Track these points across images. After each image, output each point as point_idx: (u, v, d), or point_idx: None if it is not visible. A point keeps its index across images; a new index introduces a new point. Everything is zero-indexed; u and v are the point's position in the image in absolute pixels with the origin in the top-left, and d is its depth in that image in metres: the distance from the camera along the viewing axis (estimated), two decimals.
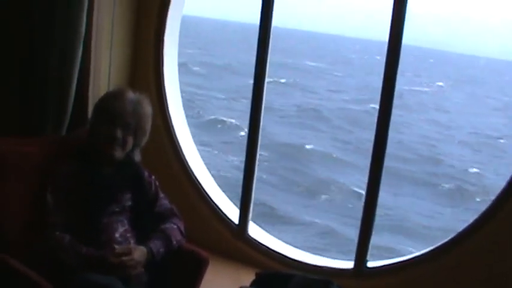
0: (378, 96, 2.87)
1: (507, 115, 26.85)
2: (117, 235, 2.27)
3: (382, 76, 2.82)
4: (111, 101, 2.35)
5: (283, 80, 27.14)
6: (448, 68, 47.28)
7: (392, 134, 2.90)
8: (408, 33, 2.88)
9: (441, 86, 34.14)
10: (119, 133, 2.28)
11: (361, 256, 2.92)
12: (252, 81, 3.25)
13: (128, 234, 2.31)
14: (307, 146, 16.06)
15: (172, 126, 3.44)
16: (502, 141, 20.57)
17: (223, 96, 22.75)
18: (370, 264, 2.93)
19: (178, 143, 3.46)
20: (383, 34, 3.09)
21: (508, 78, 47.35)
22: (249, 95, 3.27)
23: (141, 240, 2.29)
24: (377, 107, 2.94)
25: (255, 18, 3.15)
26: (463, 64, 56.13)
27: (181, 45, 3.69)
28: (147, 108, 2.39)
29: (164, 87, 3.43)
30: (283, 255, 3.16)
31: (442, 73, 40.52)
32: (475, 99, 30.35)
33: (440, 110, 25.14)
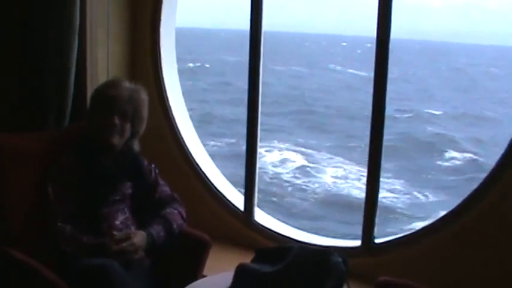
0: None
1: None
2: (117, 222, 2.27)
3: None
4: (106, 89, 2.35)
5: None
6: None
7: None
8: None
9: None
10: (116, 120, 2.27)
11: (368, 233, 2.89)
12: None
13: (129, 222, 2.31)
14: None
15: (173, 117, 3.44)
16: None
17: None
18: (378, 240, 2.91)
19: (180, 134, 3.45)
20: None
21: None
22: None
23: (142, 226, 2.28)
24: None
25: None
26: None
27: None
28: (143, 95, 2.39)
29: (163, 78, 3.43)
30: (290, 238, 3.14)
31: None
32: None
33: None
